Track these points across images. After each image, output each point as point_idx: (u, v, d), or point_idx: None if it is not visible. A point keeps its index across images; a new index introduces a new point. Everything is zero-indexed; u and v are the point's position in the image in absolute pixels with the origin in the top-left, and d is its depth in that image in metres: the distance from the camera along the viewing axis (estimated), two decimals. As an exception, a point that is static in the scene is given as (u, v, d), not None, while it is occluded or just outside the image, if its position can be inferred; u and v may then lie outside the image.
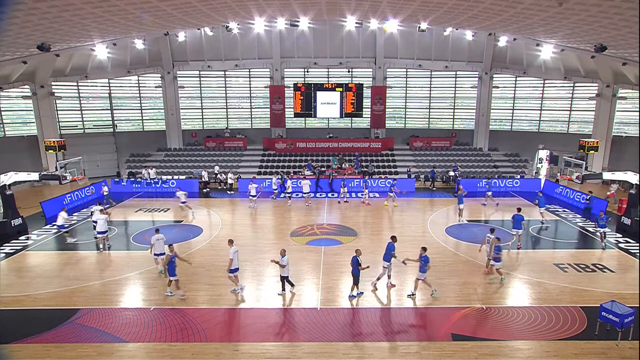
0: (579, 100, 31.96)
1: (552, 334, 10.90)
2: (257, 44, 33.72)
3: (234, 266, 12.84)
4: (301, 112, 34.63)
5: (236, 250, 12.90)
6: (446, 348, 10.31)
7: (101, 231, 16.94)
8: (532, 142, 33.54)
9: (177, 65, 34.07)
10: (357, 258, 12.59)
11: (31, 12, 14.58)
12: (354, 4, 21.61)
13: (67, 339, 10.69)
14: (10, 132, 29.51)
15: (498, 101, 35.41)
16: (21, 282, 14.14)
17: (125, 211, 23.02)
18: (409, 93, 35.99)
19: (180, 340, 10.63)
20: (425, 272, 12.69)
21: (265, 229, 20.46)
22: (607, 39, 19.00)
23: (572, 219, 21.58)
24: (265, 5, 20.82)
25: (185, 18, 20.85)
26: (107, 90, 33.30)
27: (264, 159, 32.98)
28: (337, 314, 11.98)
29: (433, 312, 12.08)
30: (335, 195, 26.73)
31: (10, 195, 19.18)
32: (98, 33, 21.75)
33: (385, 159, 32.73)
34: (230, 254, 12.79)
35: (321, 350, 10.22)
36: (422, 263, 12.66)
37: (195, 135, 36.06)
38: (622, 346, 10.27)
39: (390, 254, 13.15)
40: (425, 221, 21.16)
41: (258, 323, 11.49)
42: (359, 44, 34.06)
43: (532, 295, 13.16)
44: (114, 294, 13.24)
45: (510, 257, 16.26)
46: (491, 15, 18.20)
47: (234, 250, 12.86)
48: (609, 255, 16.54)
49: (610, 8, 13.95)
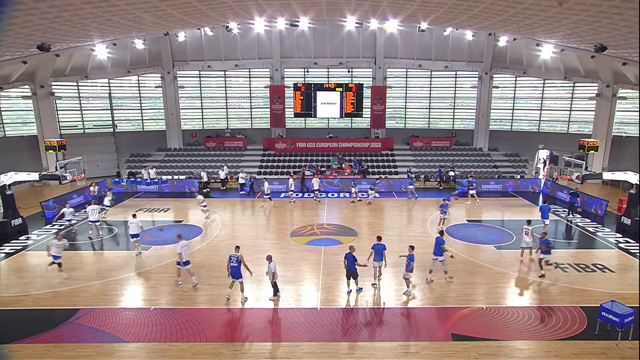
0: (579, 100, 31.95)
1: (552, 334, 10.90)
2: (257, 44, 33.71)
3: (184, 259, 13.60)
4: (301, 112, 34.62)
5: (184, 245, 13.62)
6: (446, 348, 10.31)
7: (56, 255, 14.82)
8: (532, 142, 33.54)
9: (177, 65, 34.07)
10: (352, 255, 12.75)
11: (31, 12, 14.57)
12: (354, 4, 21.61)
13: (67, 339, 10.69)
14: (10, 132, 29.50)
15: (498, 101, 35.40)
16: (21, 282, 14.14)
17: (125, 211, 23.00)
18: (409, 93, 35.98)
19: (180, 340, 10.63)
20: (411, 271, 12.90)
21: (265, 229, 20.47)
22: (607, 39, 18.99)
23: (572, 219, 21.57)
24: (265, 5, 20.82)
25: (185, 18, 20.85)
26: (107, 90, 33.29)
27: (264, 159, 32.98)
28: (337, 314, 11.98)
29: (433, 312, 12.08)
30: (334, 195, 26.75)
31: (10, 195, 19.18)
32: (98, 33, 21.75)
33: (385, 159, 32.72)
34: (178, 248, 13.52)
35: (321, 350, 10.22)
36: (407, 262, 12.87)
37: (195, 135, 36.06)
38: (622, 346, 10.27)
39: (382, 253, 13.30)
40: (425, 221, 21.15)
41: (258, 323, 11.49)
42: (359, 44, 34.06)
43: (532, 295, 13.16)
44: (114, 294, 13.24)
45: (514, 256, 16.27)
46: (491, 15, 18.20)
47: (182, 244, 13.55)
48: (609, 255, 16.54)
49: (610, 8, 13.95)
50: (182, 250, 13.52)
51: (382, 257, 13.28)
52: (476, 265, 15.31)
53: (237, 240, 18.04)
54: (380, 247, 13.27)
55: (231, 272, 12.45)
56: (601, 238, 18.58)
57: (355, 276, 12.88)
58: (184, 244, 13.65)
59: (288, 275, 14.29)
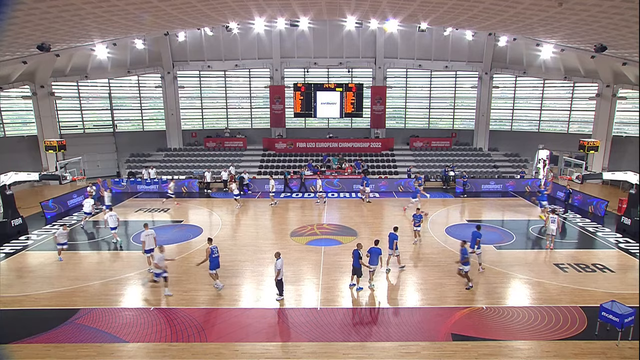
0: (579, 100, 31.94)
1: (552, 334, 10.90)
2: (257, 44, 33.71)
3: (148, 247, 14.35)
4: (301, 112, 34.62)
5: (148, 234, 14.43)
6: (446, 348, 10.32)
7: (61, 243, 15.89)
8: (532, 142, 33.46)
9: (177, 65, 34.07)
10: (359, 252, 13.07)
11: (31, 12, 14.59)
12: (354, 4, 21.61)
13: (67, 339, 10.70)
14: (10, 132, 29.50)
15: (498, 101, 35.41)
16: (21, 282, 14.15)
17: (125, 211, 23.00)
18: (409, 93, 35.98)
19: (180, 340, 10.64)
20: (375, 264, 13.28)
21: (265, 229, 20.47)
22: (607, 39, 19.00)
23: (572, 219, 21.58)
24: (265, 5, 20.82)
25: (185, 18, 20.86)
26: (107, 90, 33.30)
27: (264, 159, 32.97)
28: (337, 314, 11.98)
29: (433, 312, 12.08)
30: (334, 195, 26.77)
31: (10, 195, 19.18)
32: (98, 33, 21.76)
33: (385, 159, 32.72)
34: (142, 237, 14.41)
35: (321, 350, 10.22)
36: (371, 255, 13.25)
37: (195, 135, 36.06)
38: (622, 346, 10.27)
39: (377, 257, 13.41)
40: (425, 221, 21.11)
41: (258, 323, 11.49)
42: (359, 44, 34.06)
43: (532, 295, 13.16)
44: (114, 294, 13.24)
45: (514, 256, 16.29)
46: (491, 15, 18.20)
47: (146, 233, 14.44)
48: (609, 255, 16.54)
49: (610, 8, 13.95)
50: (146, 238, 14.34)
51: (378, 260, 13.37)
52: (476, 265, 15.30)
53: (237, 240, 18.10)
54: (376, 251, 13.35)
55: (214, 263, 13.20)
56: (601, 238, 18.58)
57: (360, 274, 13.18)
58: (148, 232, 14.49)
59: (288, 275, 14.25)
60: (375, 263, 13.31)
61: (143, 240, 14.35)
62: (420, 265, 15.42)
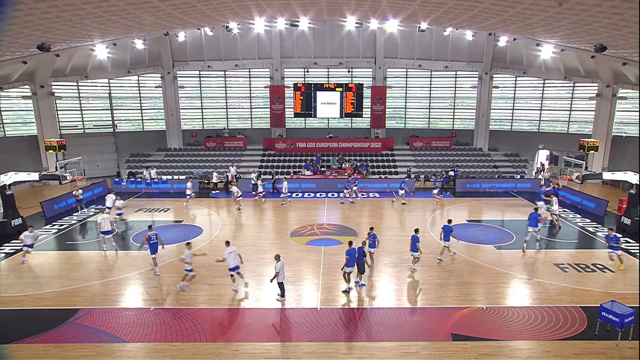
0: (579, 100, 31.94)
1: (552, 334, 10.90)
2: (257, 44, 33.71)
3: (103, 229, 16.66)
4: (301, 112, 34.62)
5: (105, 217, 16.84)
6: (446, 348, 10.32)
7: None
8: (532, 142, 33.55)
9: (177, 65, 34.07)
10: (363, 249, 13.29)
11: (31, 12, 14.58)
12: (354, 4, 21.61)
13: (67, 339, 10.70)
14: (10, 132, 29.50)
15: (498, 101, 35.40)
16: (21, 282, 14.15)
17: (124, 211, 22.97)
18: (409, 93, 35.98)
19: (180, 340, 10.64)
20: (351, 266, 13.07)
21: (265, 229, 20.47)
22: (607, 39, 19.00)
23: (572, 219, 21.58)
24: (265, 5, 20.82)
25: (185, 18, 20.85)
26: (107, 90, 33.29)
27: (264, 159, 32.98)
28: (337, 314, 11.98)
29: (433, 312, 12.08)
30: (334, 195, 26.78)
31: (10, 195, 19.19)
32: (98, 33, 21.75)
33: (385, 159, 32.72)
34: (99, 219, 17.00)
35: (321, 350, 10.22)
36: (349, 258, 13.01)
37: (195, 135, 36.05)
38: (622, 346, 10.27)
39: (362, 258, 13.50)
40: (425, 221, 21.15)
41: (258, 323, 11.50)
42: (359, 44, 34.06)
43: (532, 295, 13.16)
44: (114, 294, 13.25)
45: (514, 256, 16.29)
46: (491, 15, 18.20)
47: (103, 216, 16.90)
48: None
49: (610, 8, 13.95)
50: (102, 221, 16.68)
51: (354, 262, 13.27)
52: (476, 265, 15.32)
53: (237, 240, 18.09)
54: (361, 251, 13.42)
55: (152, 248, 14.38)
56: (601, 238, 18.56)
57: (362, 271, 13.37)
58: (105, 216, 16.98)
59: (288, 275, 14.21)
60: (352, 265, 13.17)
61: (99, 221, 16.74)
62: (420, 265, 15.40)
